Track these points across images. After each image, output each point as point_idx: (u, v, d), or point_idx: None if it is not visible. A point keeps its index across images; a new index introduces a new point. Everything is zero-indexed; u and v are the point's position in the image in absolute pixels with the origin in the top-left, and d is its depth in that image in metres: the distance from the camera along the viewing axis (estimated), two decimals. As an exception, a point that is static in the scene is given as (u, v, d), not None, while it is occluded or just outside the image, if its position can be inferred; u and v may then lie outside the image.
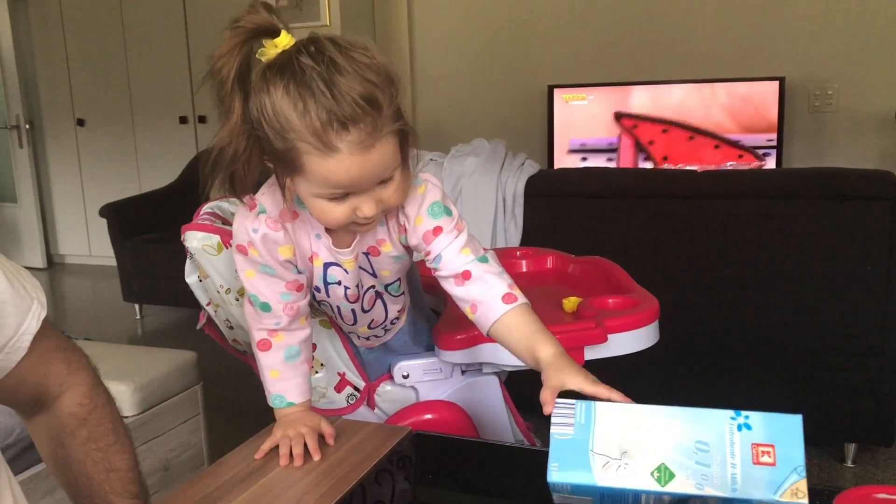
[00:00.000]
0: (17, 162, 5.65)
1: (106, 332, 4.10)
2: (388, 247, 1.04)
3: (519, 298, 0.97)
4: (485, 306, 0.97)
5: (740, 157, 3.78)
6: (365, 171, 0.87)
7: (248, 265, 1.01)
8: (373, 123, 0.84)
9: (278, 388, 1.05)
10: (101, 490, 0.99)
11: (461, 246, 1.00)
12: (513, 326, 0.96)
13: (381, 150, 0.86)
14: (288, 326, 1.05)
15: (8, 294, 0.89)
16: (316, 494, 0.85)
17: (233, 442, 1.08)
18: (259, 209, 0.98)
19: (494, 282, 0.98)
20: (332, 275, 1.05)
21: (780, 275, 2.28)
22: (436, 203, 1.00)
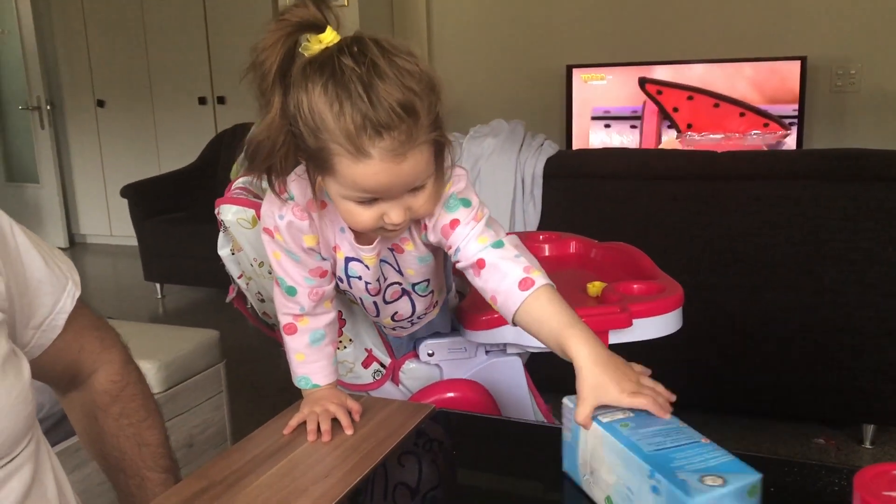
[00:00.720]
0: (38, 143, 5.70)
1: (128, 311, 4.16)
2: (410, 245, 1.04)
3: (537, 282, 0.91)
4: (503, 296, 0.93)
5: (766, 126, 3.74)
6: (395, 179, 0.85)
7: (275, 247, 1.03)
8: (407, 132, 0.82)
9: (304, 371, 1.06)
10: (133, 464, 1.02)
11: (478, 234, 0.97)
12: (537, 319, 0.91)
13: (414, 159, 0.85)
14: (312, 311, 1.06)
15: (44, 274, 0.92)
16: (344, 469, 0.87)
17: (255, 419, 1.10)
18: (288, 195, 0.98)
19: (509, 267, 0.93)
20: (353, 269, 1.05)
21: (799, 256, 2.28)
22: (453, 196, 0.97)
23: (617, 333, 1.24)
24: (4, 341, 0.82)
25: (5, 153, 6.01)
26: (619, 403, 0.79)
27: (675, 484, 0.65)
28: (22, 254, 0.90)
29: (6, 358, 0.81)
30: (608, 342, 1.25)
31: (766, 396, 2.44)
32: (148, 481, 1.01)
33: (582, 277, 1.47)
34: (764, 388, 2.43)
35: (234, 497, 0.82)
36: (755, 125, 3.77)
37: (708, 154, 2.41)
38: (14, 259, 0.88)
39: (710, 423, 2.64)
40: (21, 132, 5.87)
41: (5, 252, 0.87)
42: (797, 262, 2.28)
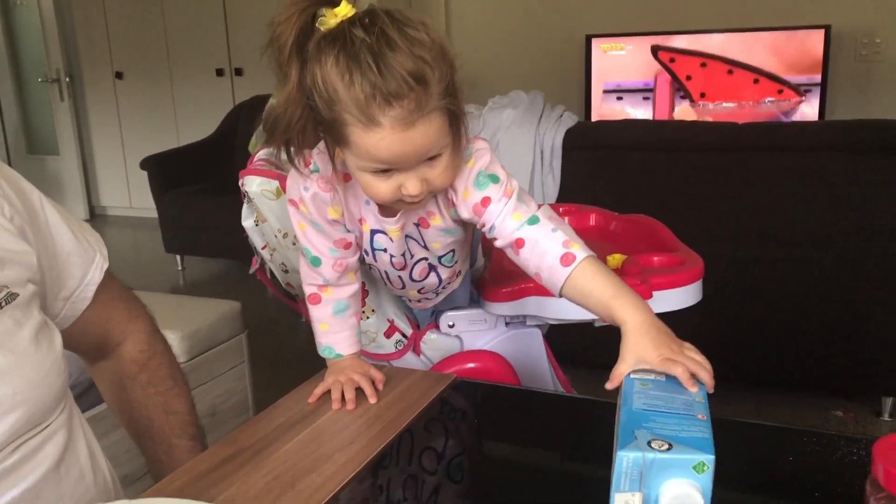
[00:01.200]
0: (58, 115, 5.74)
1: (148, 283, 4.20)
2: (437, 220, 1.04)
3: (578, 256, 0.91)
4: (547, 273, 0.93)
5: (780, 93, 3.70)
6: (407, 148, 0.86)
7: (300, 218, 1.04)
8: (417, 100, 0.83)
9: (327, 340, 1.08)
10: (161, 432, 1.04)
11: (511, 211, 0.96)
12: (585, 293, 0.91)
13: (425, 127, 0.85)
14: (336, 282, 1.07)
15: (73, 247, 0.93)
16: (368, 436, 0.89)
17: (276, 388, 1.12)
18: (313, 167, 0.99)
19: (548, 244, 0.93)
20: (379, 242, 1.06)
21: (821, 228, 2.27)
22: (481, 173, 0.97)
23: (637, 305, 1.24)
24: (37, 313, 0.84)
25: (26, 125, 6.05)
26: (652, 366, 0.80)
27: (623, 436, 0.65)
28: (52, 227, 0.91)
29: (39, 329, 0.83)
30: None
31: (785, 368, 2.44)
32: (176, 448, 1.03)
33: (601, 250, 1.47)
34: (783, 360, 2.43)
35: (262, 463, 0.84)
36: (769, 92, 3.73)
37: (730, 125, 2.39)
38: (44, 232, 0.90)
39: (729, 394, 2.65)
40: (41, 104, 5.90)
41: (36, 226, 0.88)
42: (819, 234, 2.27)
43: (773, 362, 2.44)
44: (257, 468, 0.83)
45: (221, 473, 0.82)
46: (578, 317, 1.28)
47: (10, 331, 0.78)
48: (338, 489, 0.78)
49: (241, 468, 0.83)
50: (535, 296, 1.27)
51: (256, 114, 3.74)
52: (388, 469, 0.85)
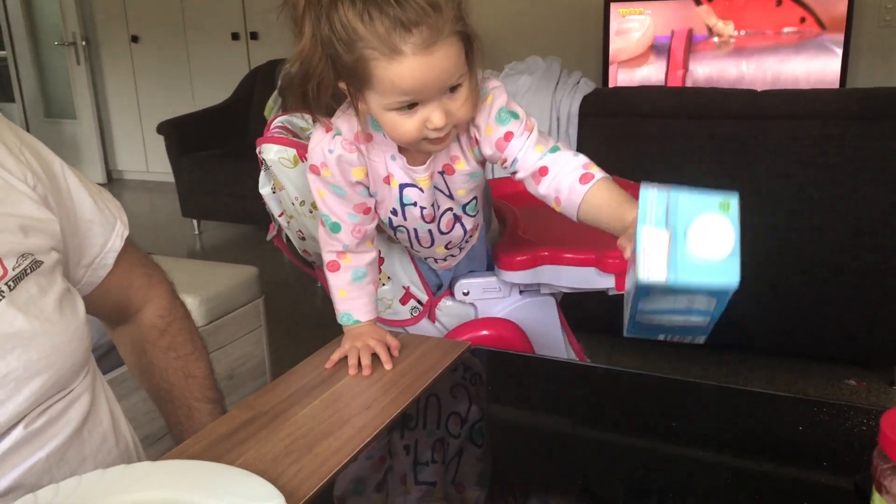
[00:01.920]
0: (74, 79, 5.75)
1: (166, 248, 4.24)
2: (461, 164, 1.06)
3: (596, 175, 0.96)
4: (565, 194, 0.97)
5: (802, 22, 3.61)
6: (430, 73, 0.88)
7: (320, 184, 1.05)
8: (434, 25, 0.86)
9: (346, 307, 1.09)
10: (181, 395, 1.06)
11: (534, 145, 1.00)
12: (598, 205, 0.95)
13: (444, 51, 0.88)
14: (355, 248, 1.09)
15: (95, 214, 0.95)
16: (384, 402, 0.90)
17: (292, 352, 1.14)
18: (335, 131, 1.01)
19: (569, 166, 0.98)
20: (408, 195, 1.08)
21: (839, 197, 2.25)
22: (502, 109, 1.01)
23: (650, 274, 1.25)
24: (60, 280, 0.86)
25: (43, 89, 6.07)
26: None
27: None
28: (73, 195, 0.93)
29: (63, 295, 0.84)
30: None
31: (799, 337, 2.44)
32: (195, 411, 1.05)
33: (617, 218, 1.48)
34: (797, 329, 2.43)
35: (280, 427, 0.86)
36: (791, 19, 3.64)
37: (748, 92, 2.37)
38: (66, 200, 0.92)
39: (742, 361, 2.67)
40: (57, 68, 5.92)
41: (57, 193, 0.90)
42: (836, 202, 2.26)
43: (787, 331, 2.45)
44: (275, 432, 0.85)
45: (240, 437, 0.84)
46: (593, 285, 1.29)
47: (34, 297, 0.80)
48: (354, 453, 0.80)
49: (259, 432, 0.85)
50: (550, 264, 1.28)
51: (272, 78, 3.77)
52: (404, 434, 0.86)
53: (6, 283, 0.77)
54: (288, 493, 0.72)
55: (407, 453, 0.84)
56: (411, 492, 0.77)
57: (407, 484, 0.78)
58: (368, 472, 0.80)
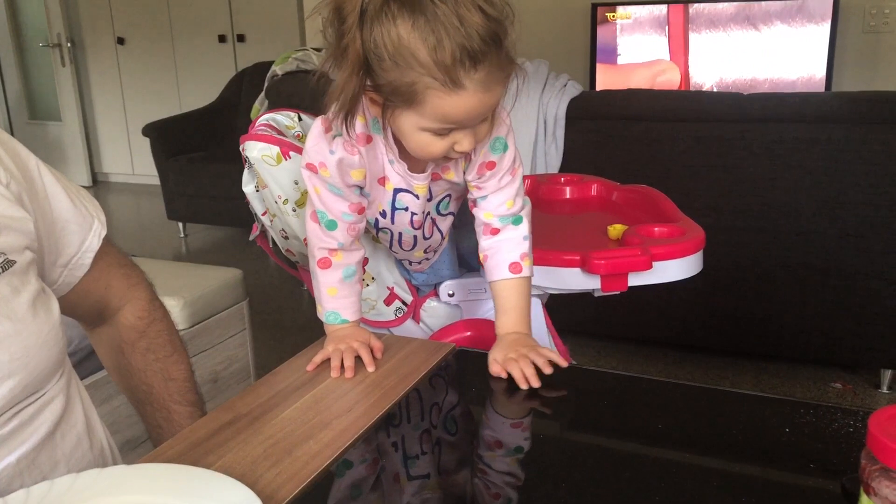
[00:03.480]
0: (59, 80, 5.71)
1: (151, 250, 4.21)
2: (450, 174, 1.06)
3: (523, 271, 1.06)
4: (492, 262, 1.07)
5: None
6: (482, 110, 0.89)
7: (317, 182, 1.03)
8: (497, 62, 0.86)
9: (334, 305, 1.07)
10: (160, 397, 1.05)
11: (509, 197, 1.05)
12: (501, 296, 1.06)
13: (500, 91, 0.89)
14: (349, 247, 1.07)
15: (71, 214, 0.93)
16: (366, 404, 0.89)
17: (276, 355, 1.12)
18: (335, 132, 0.99)
19: (513, 246, 1.06)
20: (401, 200, 1.07)
21: (824, 201, 2.26)
22: (499, 138, 1.02)
23: (637, 276, 1.25)
24: (34, 280, 0.84)
25: (27, 91, 6.02)
26: (490, 366, 0.98)
27: None
28: (49, 194, 0.91)
29: (36, 296, 0.82)
30: (628, 285, 1.26)
31: (786, 340, 2.44)
32: (175, 414, 1.04)
33: (603, 220, 1.47)
34: (783, 332, 2.43)
35: (261, 429, 0.84)
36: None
37: (734, 96, 2.37)
38: (41, 199, 0.90)
39: (728, 365, 2.67)
40: (42, 70, 5.87)
41: (33, 192, 0.88)
42: (822, 205, 2.26)
43: (773, 334, 2.45)
44: (255, 434, 0.83)
45: (219, 440, 0.82)
46: (578, 287, 1.28)
47: (7, 298, 0.78)
48: (335, 456, 0.79)
49: (238, 434, 0.83)
50: (535, 265, 1.27)
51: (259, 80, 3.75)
52: (386, 436, 0.85)
53: None
54: (266, 497, 0.71)
55: (387, 457, 0.82)
56: (405, 488, 0.75)
57: (400, 481, 0.77)
58: (360, 473, 0.78)
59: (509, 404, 0.95)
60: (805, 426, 0.82)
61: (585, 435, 0.90)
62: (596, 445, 0.86)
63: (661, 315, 2.50)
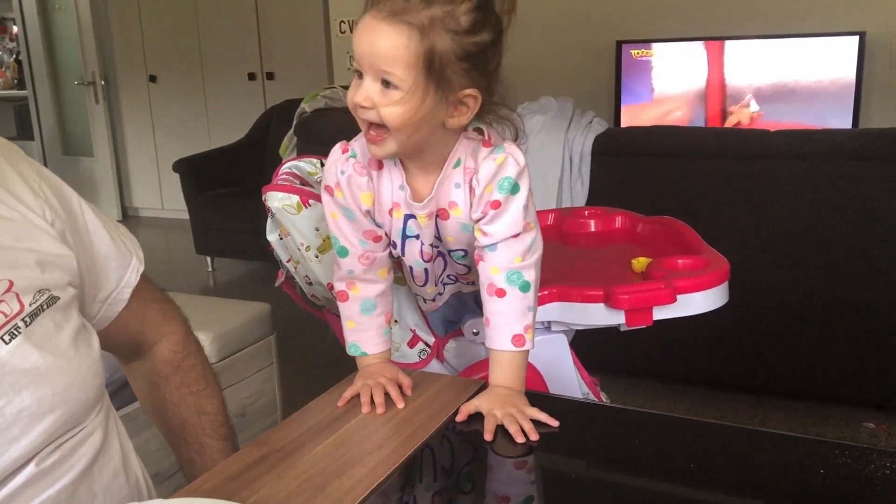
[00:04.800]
0: (93, 117, 5.84)
1: (179, 284, 4.26)
2: (458, 211, 1.03)
3: (525, 344, 1.02)
4: (494, 331, 1.02)
5: None
6: (365, 40, 0.89)
7: (333, 206, 1.04)
8: (399, 7, 0.87)
9: (354, 338, 1.08)
10: (193, 431, 1.06)
11: (518, 253, 1.01)
12: (501, 358, 1.02)
13: (394, 35, 0.87)
14: (363, 276, 1.07)
15: (111, 250, 0.96)
16: (397, 440, 0.90)
17: (303, 390, 1.13)
18: (350, 153, 1.02)
19: (518, 317, 1.02)
20: (412, 227, 1.06)
21: (852, 237, 2.24)
22: (508, 178, 0.98)
23: (662, 310, 1.24)
24: (76, 315, 0.86)
25: (61, 127, 6.16)
26: (492, 415, 0.95)
27: None
28: (91, 231, 0.94)
29: (78, 331, 0.85)
30: (653, 319, 1.26)
31: (815, 378, 2.41)
32: (208, 448, 1.05)
33: (627, 252, 1.48)
34: (813, 370, 2.40)
35: (293, 465, 0.85)
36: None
37: (761, 132, 2.38)
38: (84, 236, 0.92)
39: (757, 403, 2.64)
40: (76, 107, 6.01)
41: (75, 230, 0.91)
42: (850, 243, 2.25)
43: (803, 372, 2.42)
44: (288, 470, 0.84)
45: (253, 475, 0.83)
46: (603, 322, 1.28)
47: (50, 333, 0.80)
48: (368, 493, 0.79)
49: (271, 470, 0.84)
50: (559, 301, 1.27)
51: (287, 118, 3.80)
52: (417, 474, 0.86)
53: (23, 320, 0.78)
54: (300, 533, 0.71)
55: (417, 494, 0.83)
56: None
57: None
58: (381, 511, 0.79)
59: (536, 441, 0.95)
60: (840, 468, 0.81)
61: (615, 474, 0.89)
62: (626, 485, 0.86)
63: (688, 352, 2.48)
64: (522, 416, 0.93)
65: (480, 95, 0.94)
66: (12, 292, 0.78)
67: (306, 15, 4.85)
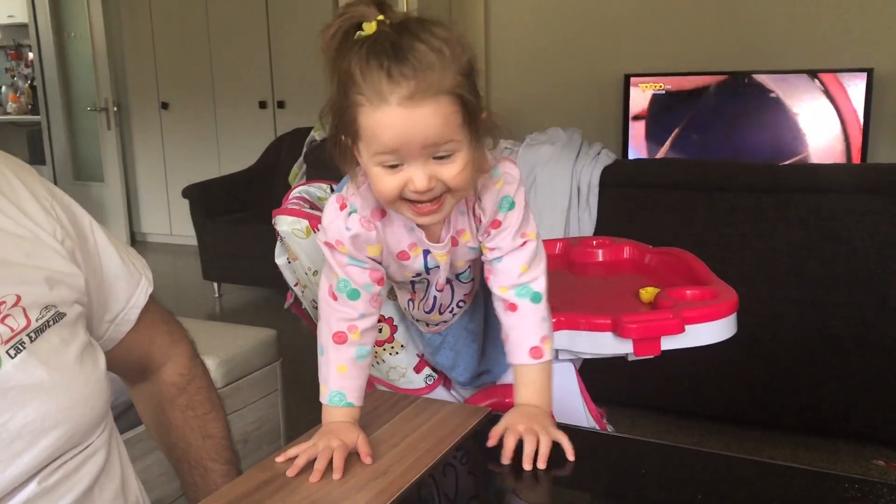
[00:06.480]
0: (104, 143, 5.88)
1: (186, 309, 4.26)
2: (467, 236, 1.03)
3: (545, 356, 1.01)
4: (512, 346, 1.02)
5: None
6: (410, 130, 0.84)
7: (339, 256, 1.01)
8: (427, 80, 0.83)
9: (341, 385, 1.00)
10: (197, 455, 1.05)
11: (523, 262, 1.01)
12: (525, 377, 1.01)
13: (432, 110, 0.84)
14: (369, 324, 1.03)
15: (121, 270, 0.96)
16: (402, 467, 0.89)
17: (306, 418, 1.12)
18: (350, 208, 0.98)
19: (533, 328, 1.01)
20: (432, 260, 1.04)
21: (862, 272, 2.23)
22: (506, 197, 0.99)
23: (670, 339, 1.24)
24: (83, 332, 0.86)
25: (73, 152, 6.21)
26: (517, 431, 0.93)
27: None
28: (101, 251, 0.94)
29: (84, 349, 0.85)
30: (661, 348, 1.25)
31: (824, 414, 2.39)
32: (211, 472, 1.04)
33: (635, 282, 1.47)
34: (822, 406, 2.38)
35: (297, 489, 0.84)
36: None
37: (769, 166, 2.38)
38: (93, 255, 0.93)
39: (765, 438, 2.61)
40: (88, 132, 6.07)
41: (85, 249, 0.91)
42: (859, 277, 2.24)
43: (811, 407, 2.40)
44: (292, 495, 0.83)
45: (257, 498, 0.83)
46: (610, 351, 1.28)
47: (56, 349, 0.80)
48: (371, 518, 0.78)
49: (276, 493, 0.83)
50: (566, 329, 1.27)
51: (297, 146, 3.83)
52: (422, 500, 0.85)
53: (28, 335, 0.78)
54: (303, 558, 0.70)
55: (424, 520, 0.82)
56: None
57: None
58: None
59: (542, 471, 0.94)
60: (850, 501, 0.80)
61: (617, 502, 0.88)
62: (634, 515, 0.85)
63: (695, 385, 2.47)
64: (545, 436, 0.91)
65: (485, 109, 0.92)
66: (19, 307, 0.78)
67: (318, 45, 4.88)
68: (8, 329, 0.76)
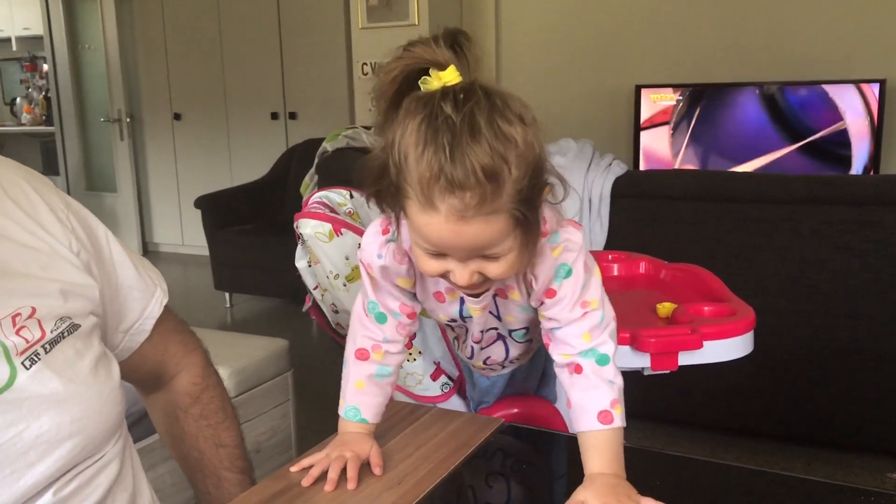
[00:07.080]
0: (117, 154, 5.93)
1: (197, 319, 4.26)
2: (515, 294, 0.98)
3: (615, 421, 0.90)
4: (578, 411, 0.92)
5: None
6: (458, 241, 0.80)
7: (371, 279, 1.00)
8: (481, 197, 0.76)
9: (357, 401, 1.00)
10: (210, 464, 1.06)
11: (585, 330, 0.92)
12: (595, 445, 0.90)
13: (482, 227, 0.78)
14: (394, 349, 1.01)
15: (135, 281, 0.97)
16: (416, 477, 0.89)
17: (318, 428, 1.12)
18: (391, 235, 0.94)
19: (601, 393, 0.91)
20: (467, 309, 1.01)
21: (874, 283, 2.22)
22: (563, 265, 0.92)
23: (687, 355, 1.24)
24: (97, 343, 0.87)
25: (86, 163, 6.26)
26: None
27: None
28: (115, 262, 0.95)
29: (98, 359, 0.85)
30: (678, 364, 1.25)
31: (838, 427, 2.37)
32: (225, 481, 1.04)
33: (651, 298, 1.47)
34: (835, 418, 2.37)
35: (311, 499, 0.84)
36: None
37: (780, 177, 2.37)
38: (108, 266, 0.94)
39: (778, 451, 2.59)
40: (101, 143, 6.11)
41: (100, 260, 0.92)
42: (872, 289, 2.23)
43: (824, 420, 2.38)
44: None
45: (271, 508, 0.83)
46: (627, 365, 1.28)
47: (70, 360, 0.81)
48: (385, 528, 0.79)
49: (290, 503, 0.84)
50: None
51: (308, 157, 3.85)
52: (435, 511, 0.85)
53: (43, 346, 0.78)
54: (317, 568, 0.71)
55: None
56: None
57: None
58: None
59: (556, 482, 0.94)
60: (865, 513, 0.79)
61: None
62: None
63: (708, 397, 2.46)
64: None
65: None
66: (34, 318, 0.79)
67: (330, 57, 4.94)
68: (23, 340, 0.77)
